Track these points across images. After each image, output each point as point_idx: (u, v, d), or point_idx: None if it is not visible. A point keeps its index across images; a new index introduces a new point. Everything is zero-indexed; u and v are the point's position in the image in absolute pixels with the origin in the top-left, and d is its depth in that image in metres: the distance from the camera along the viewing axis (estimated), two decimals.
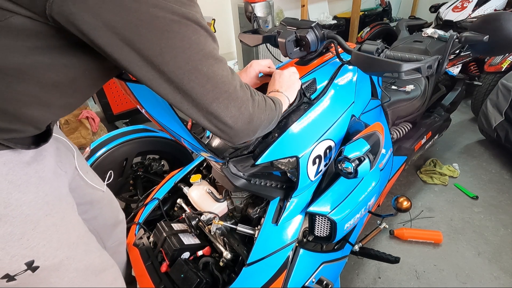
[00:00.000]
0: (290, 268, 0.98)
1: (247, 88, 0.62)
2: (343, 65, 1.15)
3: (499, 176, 2.09)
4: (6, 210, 0.53)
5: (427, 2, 3.90)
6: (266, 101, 0.68)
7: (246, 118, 0.60)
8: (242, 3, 3.35)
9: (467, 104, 2.81)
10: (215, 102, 0.54)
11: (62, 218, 0.63)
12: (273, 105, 0.71)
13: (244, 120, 0.60)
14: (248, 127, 0.62)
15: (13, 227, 0.54)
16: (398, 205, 1.19)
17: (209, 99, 0.54)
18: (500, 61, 2.33)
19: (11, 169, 0.54)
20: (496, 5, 2.68)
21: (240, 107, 0.58)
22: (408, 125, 1.82)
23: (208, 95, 0.53)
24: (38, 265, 0.58)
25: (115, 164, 1.42)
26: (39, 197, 0.58)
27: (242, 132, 0.61)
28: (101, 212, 0.92)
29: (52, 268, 0.61)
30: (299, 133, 0.97)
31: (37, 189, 0.58)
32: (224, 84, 0.55)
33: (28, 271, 0.57)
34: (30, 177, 0.57)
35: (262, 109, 0.65)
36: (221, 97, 0.55)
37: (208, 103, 0.54)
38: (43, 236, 0.58)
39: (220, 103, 0.55)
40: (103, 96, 2.71)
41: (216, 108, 0.55)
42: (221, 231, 1.07)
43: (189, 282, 0.97)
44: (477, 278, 1.47)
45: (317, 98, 1.04)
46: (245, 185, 0.99)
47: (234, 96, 0.57)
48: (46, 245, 0.59)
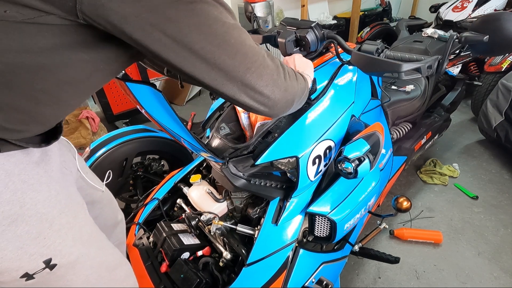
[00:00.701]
0: (290, 268, 0.98)
1: (274, 57, 0.63)
2: (343, 65, 1.15)
3: (499, 176, 2.09)
4: (22, 209, 0.53)
5: (427, 2, 3.90)
6: (295, 72, 0.69)
7: (281, 86, 0.61)
8: (242, 3, 3.35)
9: (467, 104, 2.81)
10: (248, 73, 0.56)
11: (74, 216, 0.64)
12: (301, 77, 0.72)
13: (280, 89, 0.61)
14: (286, 96, 0.63)
15: (29, 226, 0.54)
16: (398, 205, 1.19)
17: (242, 70, 0.55)
18: (500, 61, 2.33)
19: (23, 169, 0.55)
20: (496, 5, 2.68)
21: (272, 75, 0.59)
22: (408, 125, 1.82)
23: (240, 66, 0.54)
24: (56, 263, 0.58)
25: (115, 164, 1.42)
26: (52, 196, 0.59)
27: (280, 102, 0.62)
28: (101, 212, 0.92)
29: (69, 265, 0.61)
30: (299, 133, 0.97)
31: (48, 188, 0.58)
32: (253, 53, 0.56)
33: (46, 269, 0.57)
34: (41, 177, 0.58)
35: (293, 78, 0.66)
36: (253, 67, 0.56)
37: (241, 74, 0.55)
38: (58, 234, 0.59)
39: (253, 72, 0.56)
40: (103, 96, 2.71)
41: (250, 78, 0.56)
42: (221, 231, 1.07)
43: (189, 282, 0.97)
44: (477, 278, 1.47)
45: (317, 98, 1.04)
46: (245, 185, 0.98)
47: (265, 64, 0.58)
48: (62, 243, 0.59)
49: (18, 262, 0.54)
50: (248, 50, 0.55)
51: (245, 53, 0.55)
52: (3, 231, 0.51)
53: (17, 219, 0.53)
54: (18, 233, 0.53)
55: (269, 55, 0.61)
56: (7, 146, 0.52)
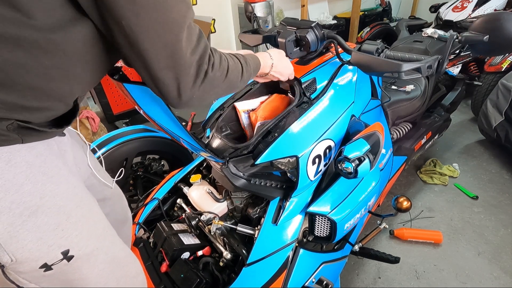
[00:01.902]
0: (290, 268, 0.98)
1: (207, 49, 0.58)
2: (343, 65, 1.15)
3: (499, 176, 2.09)
4: (42, 201, 0.54)
5: (427, 2, 3.90)
6: (228, 76, 0.64)
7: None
8: (242, 3, 3.35)
9: (467, 104, 2.81)
10: (166, 69, 0.53)
11: (89, 210, 0.65)
12: (238, 76, 0.69)
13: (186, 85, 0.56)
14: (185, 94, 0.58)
15: (48, 217, 0.55)
16: (398, 205, 1.19)
17: (161, 63, 0.52)
18: (500, 61, 2.33)
19: (43, 161, 0.56)
20: (496, 5, 2.68)
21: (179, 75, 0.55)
22: (408, 125, 1.82)
23: (162, 60, 0.52)
24: (73, 255, 0.59)
25: (115, 164, 1.42)
26: (70, 189, 0.60)
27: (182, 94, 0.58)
28: (113, 209, 0.93)
29: (85, 258, 0.62)
30: (299, 133, 0.97)
31: (67, 181, 0.60)
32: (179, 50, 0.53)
33: (64, 261, 0.58)
34: (60, 169, 0.59)
35: (213, 85, 0.61)
36: (174, 65, 0.53)
37: (161, 67, 0.53)
38: (75, 227, 0.60)
39: (169, 72, 0.53)
40: (103, 96, 2.71)
41: (167, 74, 0.53)
42: (221, 231, 1.07)
43: (189, 282, 0.97)
44: (477, 278, 1.47)
45: (317, 98, 1.04)
46: (245, 185, 0.99)
47: (187, 65, 0.55)
48: (79, 236, 0.60)
49: (38, 253, 0.55)
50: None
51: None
52: (24, 222, 0.52)
53: (37, 210, 0.54)
54: (38, 224, 0.54)
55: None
56: (29, 137, 0.53)
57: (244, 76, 0.71)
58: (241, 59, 0.71)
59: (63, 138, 0.66)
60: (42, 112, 0.54)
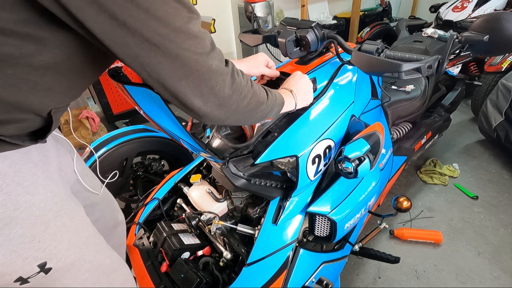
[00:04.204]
0: (290, 268, 0.98)
1: (229, 66, 0.57)
2: (343, 65, 1.15)
3: (499, 176, 2.09)
4: (15, 212, 0.52)
5: (427, 2, 3.90)
6: (253, 88, 0.63)
7: (217, 101, 0.55)
8: (242, 3, 3.35)
9: (467, 104, 2.81)
10: (184, 81, 0.50)
11: (71, 219, 0.63)
12: (264, 97, 0.66)
13: (214, 103, 0.55)
14: (219, 112, 0.57)
15: (23, 229, 0.53)
16: (398, 205, 1.19)
17: (177, 77, 0.49)
18: (500, 61, 2.33)
19: (18, 171, 0.53)
20: (496, 5, 2.68)
21: (212, 88, 0.53)
22: (408, 125, 1.82)
23: (176, 73, 0.49)
24: (51, 267, 0.57)
25: (115, 164, 1.42)
26: (48, 198, 0.57)
27: (212, 114, 0.56)
28: (102, 214, 0.92)
29: (65, 269, 0.60)
30: (299, 132, 0.97)
31: (45, 190, 0.57)
32: (196, 63, 0.50)
33: (41, 273, 0.56)
34: (37, 178, 0.56)
35: (242, 94, 0.59)
36: (191, 76, 0.50)
37: (175, 82, 0.50)
38: (54, 238, 0.58)
39: (189, 82, 0.50)
40: (103, 96, 2.71)
41: (185, 86, 0.51)
42: (221, 231, 1.07)
43: (189, 282, 0.97)
44: (477, 278, 1.47)
45: (317, 98, 1.04)
46: (245, 185, 0.98)
47: (207, 76, 0.52)
48: (58, 246, 0.58)
49: (11, 266, 0.53)
50: (190, 59, 0.49)
51: (185, 62, 0.49)
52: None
53: (11, 222, 0.51)
54: (11, 237, 0.52)
55: (221, 63, 0.54)
56: (2, 146, 0.51)
57: (270, 104, 0.68)
58: (266, 89, 0.69)
59: (45, 144, 0.63)
60: (12, 124, 0.51)
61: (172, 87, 0.51)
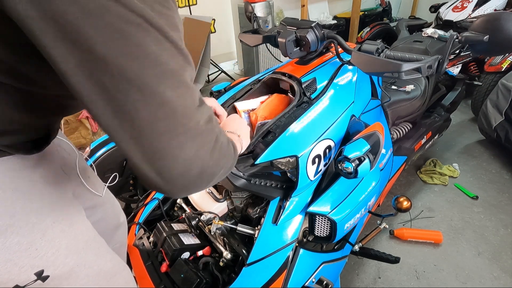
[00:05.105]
0: (290, 268, 0.98)
1: (216, 125, 0.48)
2: (343, 65, 1.15)
3: (499, 176, 2.09)
4: (12, 220, 0.51)
5: (427, 2, 3.90)
6: (229, 146, 0.52)
7: (199, 166, 0.44)
8: (242, 3, 3.35)
9: (467, 104, 2.81)
10: (166, 136, 0.40)
11: (70, 224, 0.61)
12: (232, 152, 0.54)
13: (196, 168, 0.44)
14: (200, 178, 0.45)
15: (20, 236, 0.52)
16: (398, 205, 1.19)
17: (158, 130, 0.39)
18: (500, 61, 2.33)
19: (15, 177, 0.52)
20: (496, 5, 2.68)
21: (198, 150, 0.43)
22: (408, 125, 1.82)
23: (158, 124, 0.39)
24: (48, 275, 0.56)
25: (115, 164, 1.42)
26: (46, 204, 0.56)
27: (189, 184, 0.44)
28: (104, 216, 0.91)
29: (63, 276, 0.59)
30: (299, 133, 0.97)
31: (43, 195, 0.56)
32: (184, 115, 0.41)
33: (38, 281, 0.55)
34: (35, 183, 0.55)
35: (223, 154, 0.49)
36: (176, 131, 0.41)
37: (155, 135, 0.39)
38: (51, 244, 0.56)
39: (172, 138, 0.40)
40: None
41: (166, 144, 0.40)
42: (221, 231, 1.07)
43: (189, 282, 0.97)
44: (477, 278, 1.47)
45: (317, 98, 1.04)
46: (245, 185, 0.98)
47: (194, 133, 0.42)
48: (55, 253, 0.57)
49: (7, 275, 0.51)
50: (178, 110, 0.40)
51: (172, 112, 0.39)
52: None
53: (7, 230, 0.50)
54: (7, 245, 0.50)
55: (210, 122, 0.45)
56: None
57: (235, 153, 0.57)
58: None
59: (47, 148, 0.61)
60: (7, 136, 0.49)
61: (149, 141, 0.40)
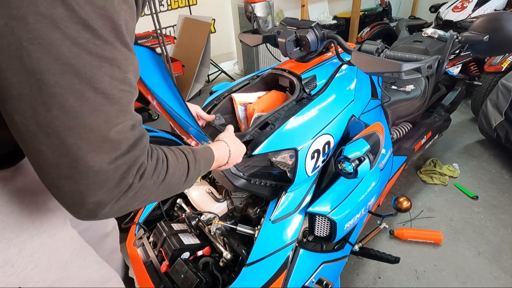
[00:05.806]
0: (290, 268, 0.98)
1: None
2: (343, 65, 1.15)
3: (499, 176, 2.09)
4: None
5: (427, 2, 3.90)
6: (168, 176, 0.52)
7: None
8: (242, 3, 3.35)
9: (467, 104, 2.81)
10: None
11: (52, 236, 0.58)
12: (182, 175, 0.56)
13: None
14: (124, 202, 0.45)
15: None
16: (398, 205, 1.19)
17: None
18: (500, 61, 2.33)
19: None
20: (496, 5, 2.68)
21: None
22: (408, 125, 1.82)
23: None
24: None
25: None
26: (24, 217, 0.53)
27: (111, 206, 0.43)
28: (91, 224, 0.87)
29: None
30: (299, 126, 0.97)
31: (20, 208, 0.53)
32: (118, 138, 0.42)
33: None
34: (11, 196, 0.52)
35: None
36: None
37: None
38: (29, 260, 0.53)
39: None
40: None
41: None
42: (221, 231, 1.07)
43: (189, 282, 0.97)
44: (477, 278, 1.47)
45: (316, 94, 1.05)
46: (245, 185, 0.98)
47: None
48: (34, 269, 0.54)
49: None
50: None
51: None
52: None
53: None
54: None
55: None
56: None
57: (190, 175, 0.59)
58: (189, 156, 0.59)
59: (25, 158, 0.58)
60: None
61: None
